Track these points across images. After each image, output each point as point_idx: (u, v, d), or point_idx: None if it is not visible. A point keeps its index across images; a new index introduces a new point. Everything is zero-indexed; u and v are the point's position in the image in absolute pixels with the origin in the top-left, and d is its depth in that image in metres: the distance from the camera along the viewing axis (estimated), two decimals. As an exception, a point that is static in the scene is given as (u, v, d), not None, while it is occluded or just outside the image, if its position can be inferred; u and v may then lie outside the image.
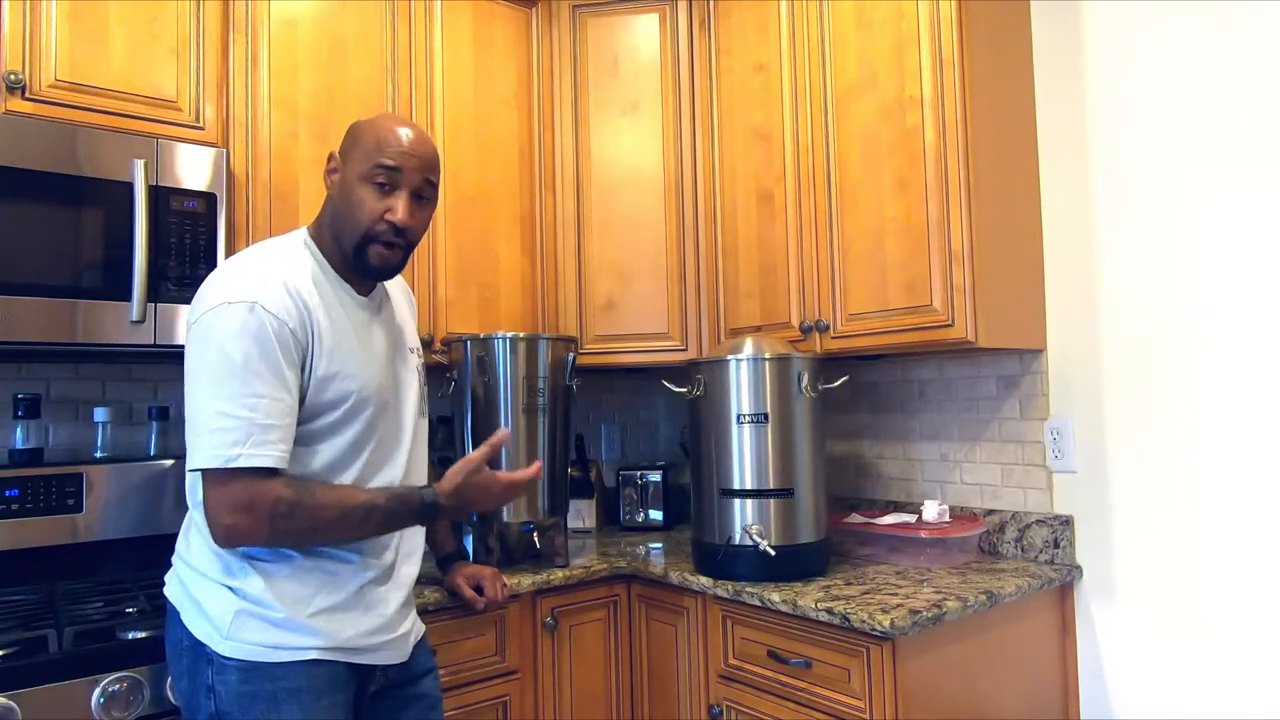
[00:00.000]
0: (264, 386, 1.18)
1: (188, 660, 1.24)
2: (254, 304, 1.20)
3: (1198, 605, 1.69)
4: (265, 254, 1.31)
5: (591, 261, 2.39)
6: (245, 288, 1.21)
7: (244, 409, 1.17)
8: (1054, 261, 1.93)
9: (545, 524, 1.99)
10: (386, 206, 1.30)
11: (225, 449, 1.16)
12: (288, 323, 1.22)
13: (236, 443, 1.16)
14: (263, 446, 1.17)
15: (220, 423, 1.17)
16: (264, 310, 1.20)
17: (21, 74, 1.60)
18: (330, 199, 1.35)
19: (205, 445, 1.17)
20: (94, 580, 1.78)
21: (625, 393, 2.92)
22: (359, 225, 1.30)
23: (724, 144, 2.30)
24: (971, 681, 1.64)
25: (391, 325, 1.43)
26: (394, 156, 1.29)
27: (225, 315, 1.19)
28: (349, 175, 1.31)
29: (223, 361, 1.18)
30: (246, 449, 1.16)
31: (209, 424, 1.18)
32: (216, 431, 1.17)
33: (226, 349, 1.18)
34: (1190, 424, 1.71)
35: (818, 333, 2.02)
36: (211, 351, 1.19)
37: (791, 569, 1.78)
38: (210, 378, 1.18)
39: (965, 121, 1.74)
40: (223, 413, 1.17)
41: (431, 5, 2.20)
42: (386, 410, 1.36)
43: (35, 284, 1.56)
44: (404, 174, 1.30)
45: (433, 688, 1.46)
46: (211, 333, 1.19)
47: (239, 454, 1.16)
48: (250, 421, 1.17)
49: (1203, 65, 1.69)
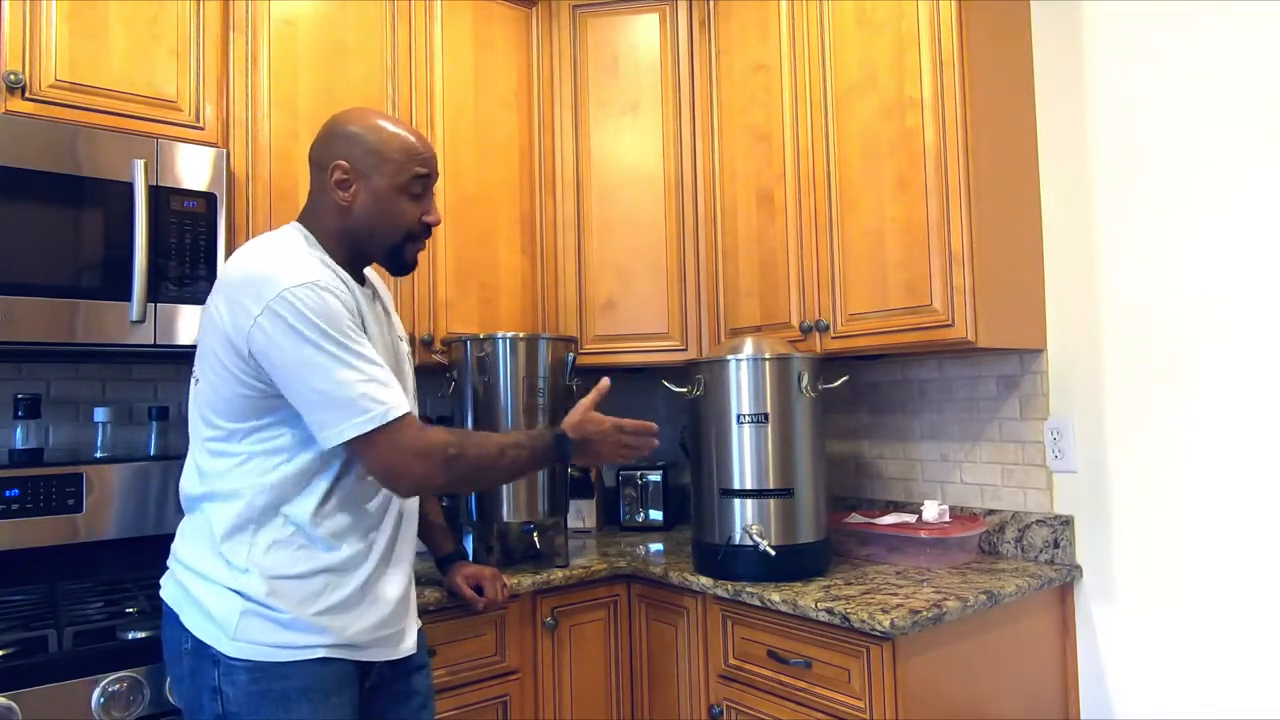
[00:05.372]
0: (365, 348, 1.25)
1: (189, 662, 1.24)
2: (313, 283, 1.22)
3: (1198, 605, 1.69)
4: (279, 243, 1.31)
5: (591, 261, 2.39)
6: (296, 271, 1.23)
7: (365, 373, 1.22)
8: (1054, 261, 1.93)
9: (545, 524, 1.99)
10: (424, 210, 1.39)
11: (373, 409, 1.21)
12: (343, 296, 1.26)
13: (379, 401, 1.21)
14: (398, 398, 1.24)
15: (351, 390, 1.20)
16: (322, 288, 1.23)
17: (21, 74, 1.60)
18: (340, 208, 1.35)
19: (349, 415, 1.20)
20: (94, 580, 1.78)
21: (625, 393, 2.92)
22: (400, 232, 1.37)
23: (724, 144, 2.30)
24: (971, 681, 1.64)
25: (386, 314, 1.46)
26: (425, 164, 1.38)
27: (296, 298, 1.20)
28: (380, 187, 1.34)
29: (321, 338, 1.20)
30: (392, 403, 1.22)
31: (340, 395, 1.20)
32: (355, 400, 1.20)
33: (320, 326, 1.20)
34: (1190, 424, 1.71)
35: (818, 333, 2.02)
36: (305, 333, 1.20)
37: (791, 569, 1.78)
38: (317, 354, 1.20)
39: (965, 122, 1.74)
40: (346, 381, 1.20)
41: (431, 5, 2.20)
42: None
43: (35, 284, 1.56)
44: (431, 178, 1.40)
45: (424, 684, 1.46)
46: (292, 317, 1.20)
47: (386, 409, 1.22)
48: (375, 380, 1.23)
49: (1203, 65, 1.69)
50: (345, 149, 1.34)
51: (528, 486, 1.93)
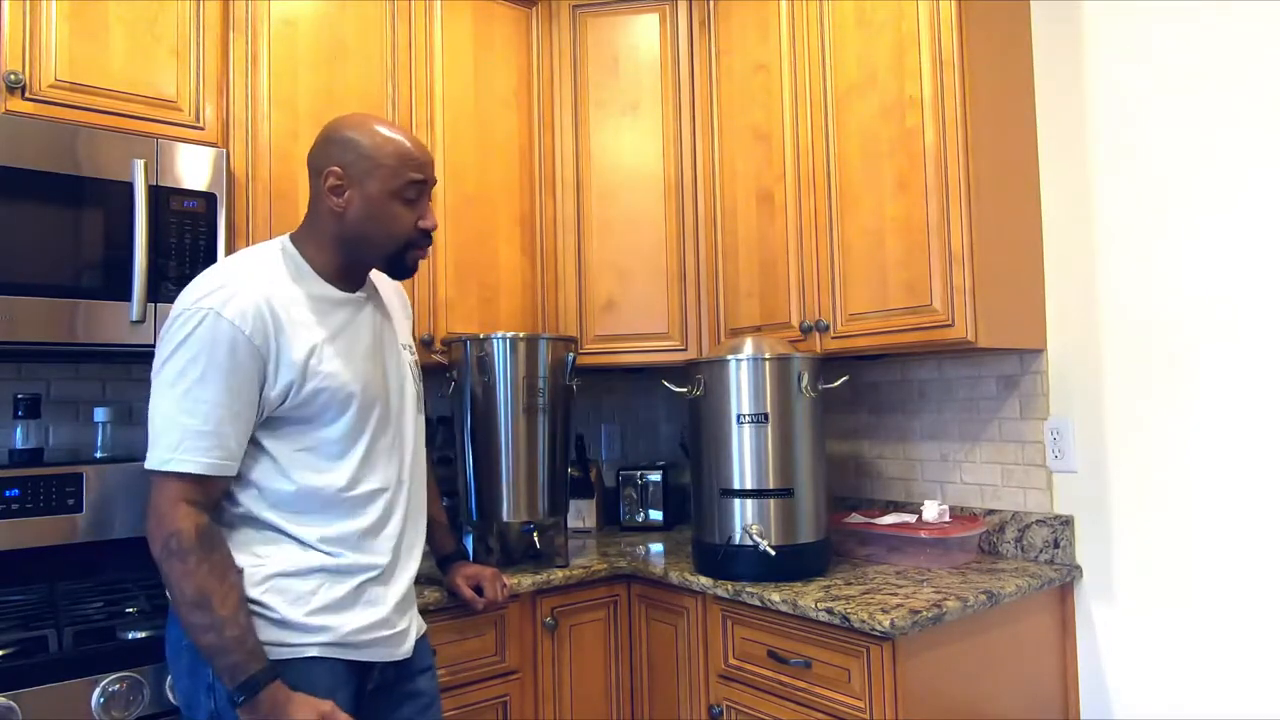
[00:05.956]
0: (207, 393, 1.20)
1: (187, 659, 1.24)
2: (211, 310, 1.21)
3: (1198, 605, 1.69)
4: (238, 262, 1.32)
5: (591, 261, 2.39)
6: (209, 296, 1.23)
7: (183, 414, 1.20)
8: (1054, 261, 1.93)
9: (545, 524, 1.99)
10: (419, 215, 1.37)
11: (161, 451, 1.19)
12: (244, 330, 1.22)
13: (169, 446, 1.19)
14: (192, 452, 1.19)
15: (166, 425, 1.20)
16: (221, 318, 1.21)
17: (21, 74, 1.60)
18: (334, 214, 1.34)
19: (153, 446, 1.21)
20: (94, 580, 1.78)
21: (625, 393, 2.92)
22: (396, 239, 1.35)
23: (724, 144, 2.30)
24: (971, 681, 1.64)
25: (380, 323, 1.43)
26: (420, 169, 1.35)
27: (184, 322, 1.22)
28: (374, 192, 1.33)
29: (183, 363, 1.20)
30: (177, 453, 1.19)
31: (154, 426, 1.21)
32: (159, 435, 1.20)
33: (178, 354, 1.21)
34: (1191, 424, 1.71)
35: (818, 333, 2.02)
36: (165, 357, 1.22)
37: (791, 569, 1.78)
38: (161, 382, 1.22)
39: (965, 121, 1.74)
40: (166, 416, 1.20)
41: (431, 5, 2.20)
42: (376, 406, 1.36)
43: (35, 284, 1.56)
44: (427, 183, 1.37)
45: (429, 686, 1.46)
46: (169, 338, 1.22)
47: (170, 458, 1.19)
48: (185, 427, 1.19)
49: (1203, 64, 1.69)
50: (340, 154, 1.33)
51: (528, 486, 1.93)
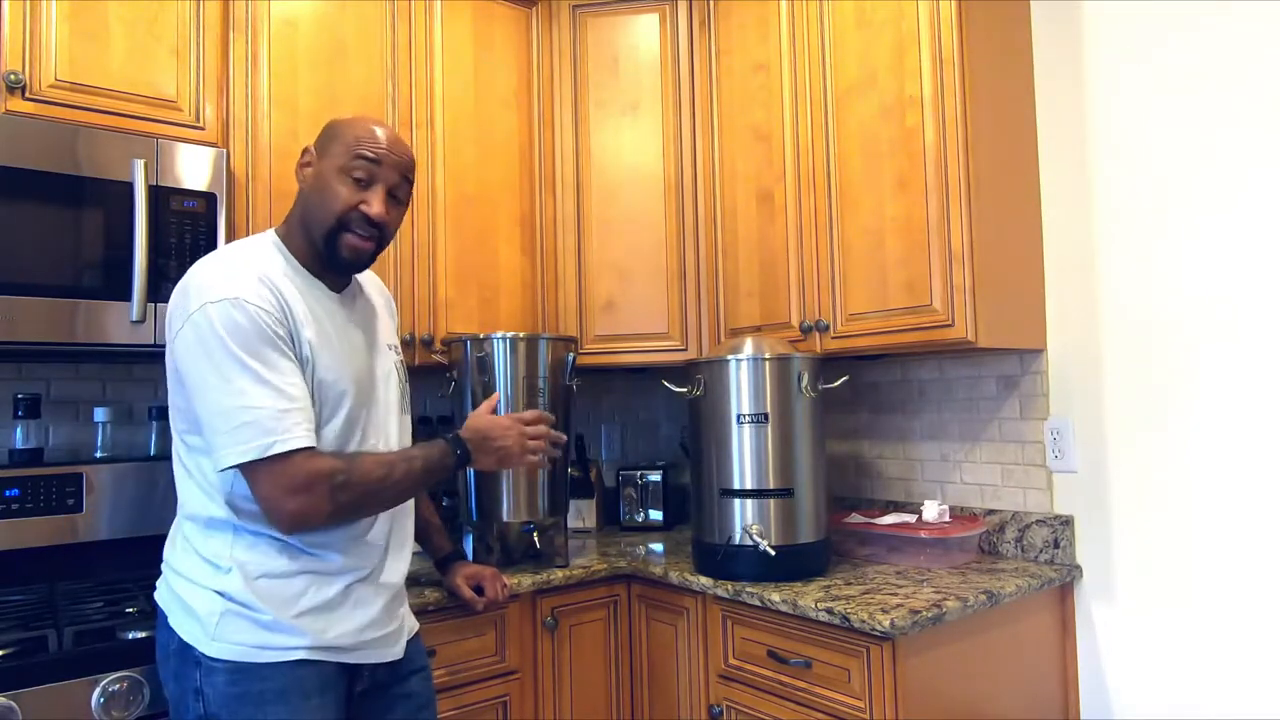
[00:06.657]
0: (272, 373, 1.20)
1: (175, 663, 1.24)
2: (236, 299, 1.20)
3: (1198, 605, 1.69)
4: (234, 253, 1.32)
5: (591, 261, 2.39)
6: (223, 286, 1.22)
7: (263, 398, 1.18)
8: (1054, 261, 1.93)
9: (545, 524, 1.99)
10: (361, 199, 1.31)
11: (259, 439, 1.17)
12: (271, 312, 1.22)
13: (268, 431, 1.17)
14: (292, 428, 1.19)
15: (244, 416, 1.17)
16: (247, 303, 1.21)
17: (21, 74, 1.60)
18: (302, 193, 1.36)
19: (235, 441, 1.17)
20: (94, 580, 1.78)
21: (625, 393, 2.92)
22: (331, 214, 1.30)
23: (724, 144, 2.30)
24: (971, 681, 1.64)
25: (366, 322, 1.43)
26: (374, 150, 1.31)
27: (212, 314, 1.19)
28: (325, 168, 1.32)
29: (226, 357, 1.18)
30: (280, 435, 1.17)
31: (232, 420, 1.18)
32: (243, 426, 1.17)
33: (227, 345, 1.18)
34: (1191, 423, 1.71)
35: (818, 333, 2.02)
36: (212, 352, 1.19)
37: (791, 569, 1.78)
38: (218, 377, 1.18)
39: (965, 121, 1.74)
40: (243, 406, 1.17)
41: (431, 5, 2.20)
42: (366, 404, 1.35)
43: (36, 284, 1.56)
44: (382, 169, 1.32)
45: (422, 687, 1.45)
46: (204, 334, 1.19)
47: (273, 441, 1.17)
48: (272, 409, 1.18)
49: (1203, 64, 1.69)
50: (319, 138, 1.36)
51: (528, 486, 1.93)
